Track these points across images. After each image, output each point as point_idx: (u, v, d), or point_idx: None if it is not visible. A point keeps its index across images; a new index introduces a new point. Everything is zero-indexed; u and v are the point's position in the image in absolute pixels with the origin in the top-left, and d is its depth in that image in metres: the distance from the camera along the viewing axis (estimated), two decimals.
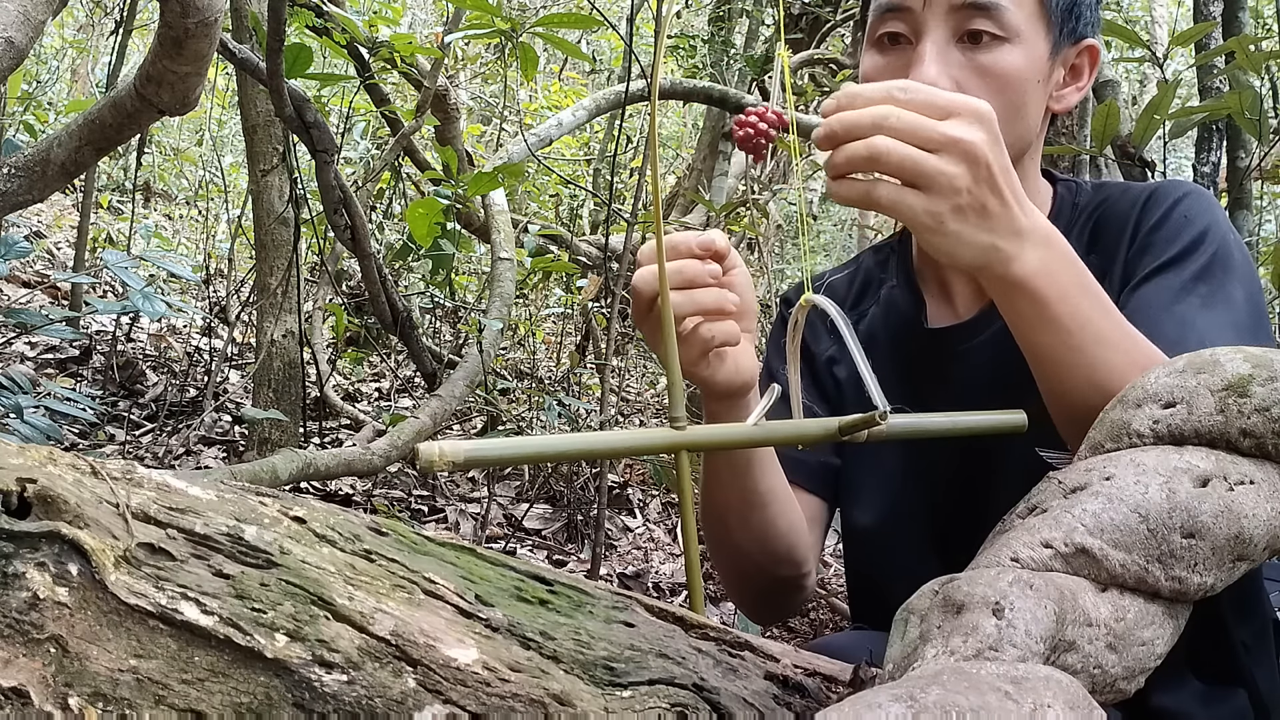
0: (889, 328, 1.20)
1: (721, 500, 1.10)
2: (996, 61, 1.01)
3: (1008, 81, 1.02)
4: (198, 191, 6.18)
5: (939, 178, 0.80)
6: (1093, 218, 1.12)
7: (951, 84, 1.00)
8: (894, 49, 1.05)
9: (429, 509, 2.95)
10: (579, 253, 4.46)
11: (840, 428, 0.79)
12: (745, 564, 1.15)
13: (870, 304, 1.23)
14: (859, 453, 1.19)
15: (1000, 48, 1.01)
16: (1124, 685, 0.63)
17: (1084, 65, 1.09)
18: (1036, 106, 1.06)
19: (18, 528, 0.50)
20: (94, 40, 6.69)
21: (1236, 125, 2.30)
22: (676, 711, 0.58)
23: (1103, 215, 1.11)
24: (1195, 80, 2.75)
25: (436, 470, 0.69)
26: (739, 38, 5.24)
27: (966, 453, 1.09)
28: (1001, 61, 1.01)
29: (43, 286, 4.17)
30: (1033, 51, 1.03)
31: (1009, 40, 1.01)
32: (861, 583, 1.26)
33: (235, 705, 0.51)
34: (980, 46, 1.01)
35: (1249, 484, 0.68)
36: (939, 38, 1.01)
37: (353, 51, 2.80)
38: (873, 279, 1.25)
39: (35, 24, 1.40)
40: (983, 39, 1.01)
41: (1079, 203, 1.14)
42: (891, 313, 1.21)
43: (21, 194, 1.74)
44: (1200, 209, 1.06)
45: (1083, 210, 1.13)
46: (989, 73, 1.01)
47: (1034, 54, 1.03)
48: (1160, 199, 1.08)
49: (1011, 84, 1.02)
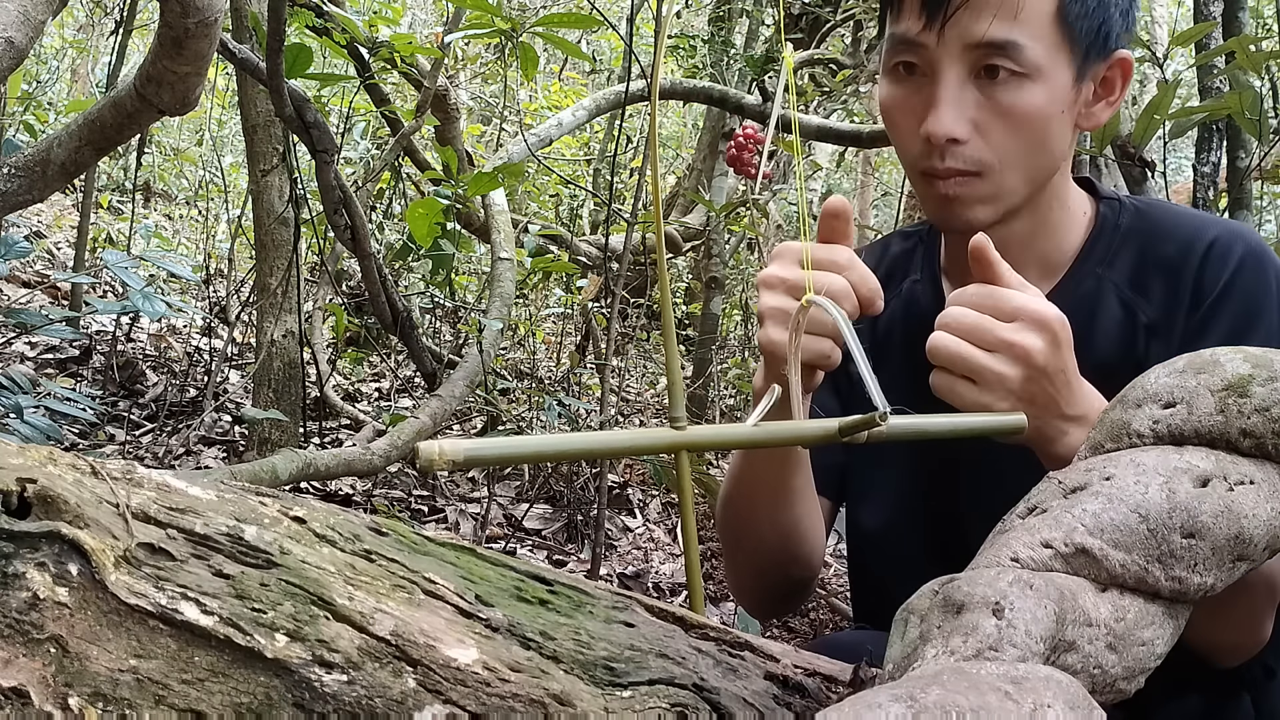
0: (907, 322, 1.17)
1: (753, 495, 1.09)
2: (1016, 101, 0.98)
3: (1028, 120, 0.99)
4: (198, 191, 6.18)
5: (989, 375, 0.87)
6: (1137, 247, 1.08)
7: (969, 128, 0.99)
8: (910, 79, 1.03)
9: (429, 509, 2.95)
10: (579, 253, 4.46)
11: (840, 429, 0.79)
12: (764, 561, 1.14)
13: (891, 296, 1.20)
14: (866, 452, 1.18)
15: (1020, 85, 0.98)
16: (1124, 685, 0.63)
17: (1116, 78, 1.05)
18: (1061, 136, 1.03)
19: (18, 528, 0.50)
20: (94, 40, 6.68)
21: (1236, 125, 2.29)
22: (676, 711, 0.58)
23: (1148, 251, 1.08)
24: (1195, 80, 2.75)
25: (436, 469, 0.69)
26: (739, 38, 5.24)
27: (973, 453, 1.09)
28: (1021, 101, 0.98)
29: (43, 286, 4.17)
30: (1054, 85, 0.99)
31: (1029, 77, 0.98)
32: (867, 582, 1.25)
33: (235, 705, 0.51)
34: (998, 83, 0.98)
35: (1249, 484, 0.68)
36: (953, 78, 0.99)
37: (353, 51, 2.79)
38: (896, 269, 1.23)
39: (35, 24, 1.40)
40: (1000, 74, 0.98)
41: (1121, 224, 1.10)
42: (912, 308, 1.18)
43: (21, 194, 1.74)
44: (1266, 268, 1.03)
45: (1126, 233, 1.10)
46: (1008, 113, 0.99)
47: (1056, 87, 0.99)
48: (1222, 255, 1.04)
49: (1032, 122, 0.99)
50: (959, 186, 1.01)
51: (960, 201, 1.02)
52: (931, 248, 1.20)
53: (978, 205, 1.02)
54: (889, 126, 1.07)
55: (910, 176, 1.07)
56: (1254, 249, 1.04)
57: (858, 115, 5.42)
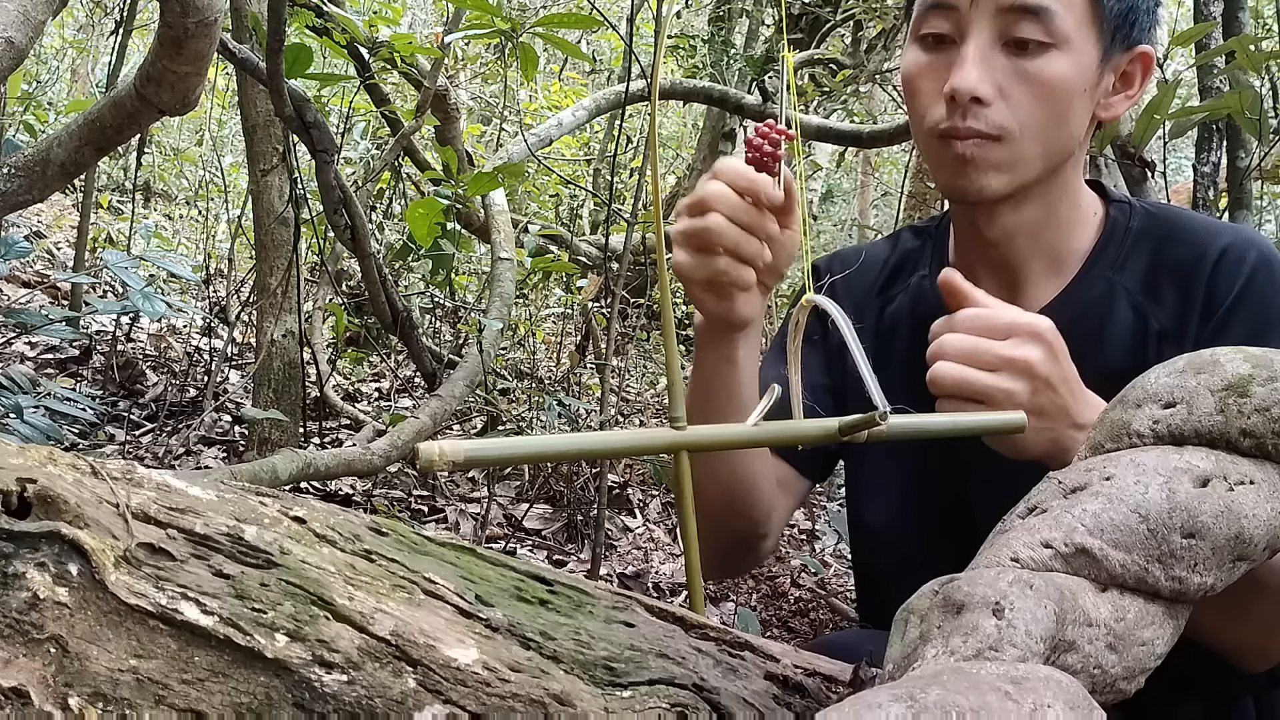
0: (915, 318, 1.16)
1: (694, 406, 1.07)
2: (1042, 69, 0.98)
3: (1053, 90, 0.99)
4: (198, 191, 6.18)
5: (997, 394, 0.87)
6: (1148, 251, 1.08)
7: (993, 89, 0.99)
8: (938, 48, 1.02)
9: (429, 509, 2.95)
10: (579, 253, 4.46)
11: (840, 428, 0.79)
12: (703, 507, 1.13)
13: (900, 290, 1.21)
14: (868, 450, 1.18)
15: (1047, 54, 0.98)
16: (1124, 685, 0.63)
17: (1136, 72, 1.05)
18: (1081, 115, 1.03)
19: (18, 528, 0.50)
20: (94, 40, 6.69)
21: (1236, 125, 2.29)
22: (676, 711, 0.58)
23: (1160, 256, 1.08)
24: (1195, 80, 2.75)
25: (436, 470, 0.69)
26: (739, 38, 5.24)
27: (976, 451, 1.09)
28: (1048, 69, 0.98)
29: (43, 286, 4.17)
30: (1081, 59, 1.00)
31: (1057, 46, 0.98)
32: (871, 578, 1.24)
33: (235, 705, 0.51)
34: (1027, 53, 0.98)
35: (1249, 484, 0.68)
36: (983, 40, 0.99)
37: (353, 51, 2.80)
38: (906, 264, 1.22)
39: (35, 24, 1.40)
40: (1029, 46, 0.98)
41: (1131, 226, 1.10)
42: (920, 304, 1.17)
43: (21, 194, 1.74)
44: (1278, 276, 1.04)
45: (1137, 237, 1.10)
46: (1033, 80, 0.99)
47: (1083, 61, 1.00)
48: (1236, 263, 1.04)
49: (1056, 92, 0.99)
50: (977, 148, 1.01)
51: (976, 165, 1.01)
52: (940, 243, 1.20)
53: (992, 172, 1.02)
54: (909, 94, 1.06)
55: (925, 146, 1.07)
56: (1266, 256, 1.04)
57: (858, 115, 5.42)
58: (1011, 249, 1.09)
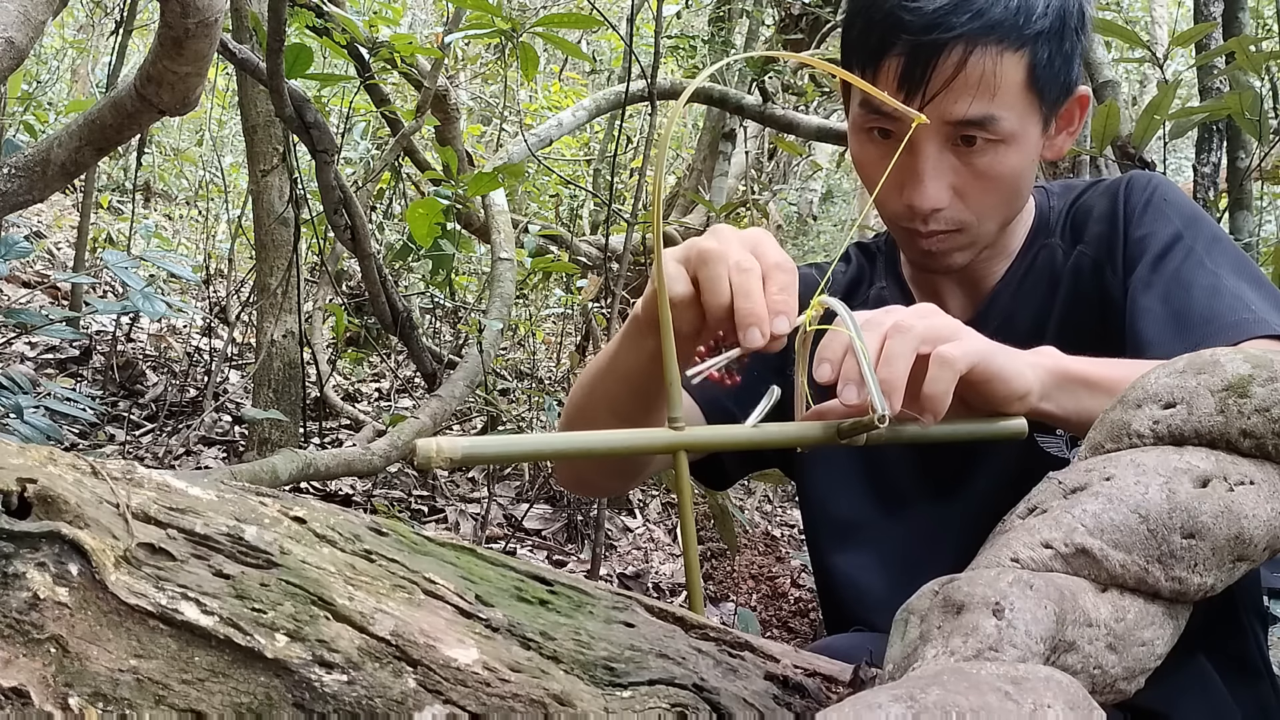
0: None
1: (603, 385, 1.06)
2: (993, 165, 1.02)
3: (1003, 180, 1.04)
4: (198, 191, 6.17)
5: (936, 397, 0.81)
6: (1070, 215, 1.15)
7: (949, 194, 1.03)
8: (884, 143, 1.05)
9: (429, 509, 2.95)
10: (579, 253, 4.46)
11: (840, 430, 0.79)
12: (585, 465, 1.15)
13: (859, 302, 1.22)
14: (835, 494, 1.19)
15: (996, 150, 1.02)
16: (1124, 686, 0.63)
17: (1075, 110, 1.10)
18: (1030, 178, 1.09)
19: (18, 528, 0.50)
20: (94, 40, 6.68)
21: (1236, 126, 2.30)
22: (676, 711, 0.58)
23: (1080, 210, 1.14)
24: (1195, 81, 2.75)
25: (434, 467, 0.69)
26: (739, 38, 5.24)
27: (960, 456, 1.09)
28: (998, 165, 1.02)
29: (43, 286, 4.16)
30: (1027, 144, 1.04)
31: (1004, 142, 1.02)
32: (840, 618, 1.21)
33: (235, 705, 0.51)
34: (975, 150, 1.02)
35: (1249, 484, 0.68)
36: (932, 150, 1.01)
37: (353, 51, 2.79)
38: (863, 277, 1.25)
39: (35, 24, 1.40)
40: (976, 142, 1.01)
41: (1054, 205, 1.17)
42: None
43: (21, 194, 1.74)
44: (1176, 191, 1.11)
45: (1059, 212, 1.16)
46: (985, 176, 1.03)
47: (1028, 145, 1.04)
48: (1139, 186, 1.11)
49: (1007, 181, 1.04)
50: (940, 243, 1.07)
51: (941, 253, 1.08)
52: (892, 256, 1.24)
53: (956, 253, 1.08)
54: (864, 179, 1.10)
55: (888, 223, 1.12)
56: (1162, 180, 1.12)
57: None
58: (966, 267, 1.15)
